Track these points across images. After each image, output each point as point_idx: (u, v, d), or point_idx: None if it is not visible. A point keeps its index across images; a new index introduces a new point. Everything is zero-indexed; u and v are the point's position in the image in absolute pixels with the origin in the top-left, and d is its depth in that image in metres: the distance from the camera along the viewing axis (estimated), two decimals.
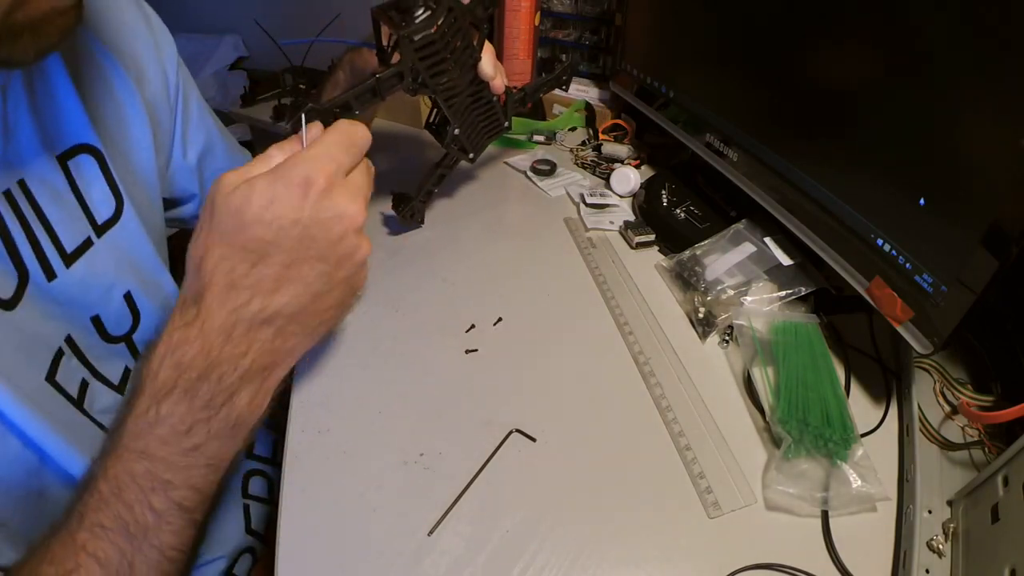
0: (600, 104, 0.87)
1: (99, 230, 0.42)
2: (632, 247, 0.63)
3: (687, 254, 0.57)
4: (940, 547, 0.34)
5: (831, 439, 0.40)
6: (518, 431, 0.43)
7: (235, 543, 0.53)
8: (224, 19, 1.45)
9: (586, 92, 0.89)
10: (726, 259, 0.55)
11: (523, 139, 0.85)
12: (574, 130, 0.88)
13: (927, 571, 0.33)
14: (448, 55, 0.48)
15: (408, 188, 0.61)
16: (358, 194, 0.35)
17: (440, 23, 0.45)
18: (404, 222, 0.61)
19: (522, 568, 0.35)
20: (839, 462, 0.39)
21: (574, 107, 0.88)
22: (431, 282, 0.57)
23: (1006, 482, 0.32)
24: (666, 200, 0.66)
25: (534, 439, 0.43)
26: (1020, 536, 0.29)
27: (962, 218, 0.37)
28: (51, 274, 0.38)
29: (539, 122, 0.87)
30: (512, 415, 0.44)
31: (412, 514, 0.38)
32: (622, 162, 0.76)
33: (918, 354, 0.40)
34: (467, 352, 0.50)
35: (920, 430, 0.41)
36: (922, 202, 0.40)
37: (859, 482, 0.38)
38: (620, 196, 0.70)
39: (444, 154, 0.58)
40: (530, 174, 0.75)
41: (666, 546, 0.37)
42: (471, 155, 0.59)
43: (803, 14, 0.50)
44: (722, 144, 0.61)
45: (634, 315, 0.54)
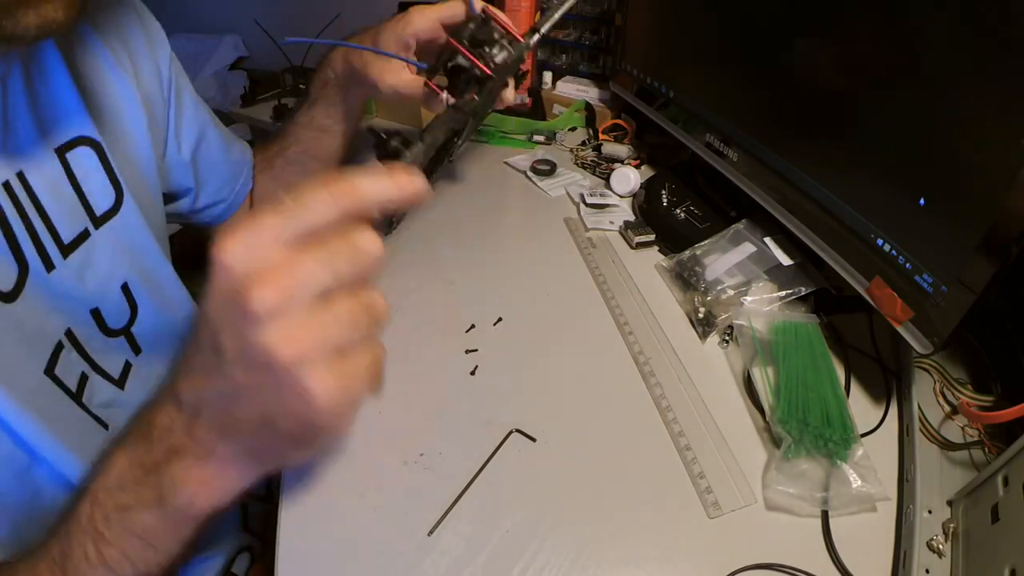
0: (600, 104, 0.87)
1: (97, 221, 0.42)
2: (632, 247, 0.63)
3: (687, 254, 0.57)
4: (940, 547, 0.34)
5: (831, 439, 0.40)
6: (518, 431, 0.43)
7: (232, 541, 0.53)
8: (224, 19, 1.45)
9: (586, 92, 0.89)
10: (726, 259, 0.55)
11: (523, 139, 0.85)
12: (574, 130, 0.88)
13: (927, 571, 0.33)
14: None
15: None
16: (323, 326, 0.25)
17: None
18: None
19: (522, 568, 0.35)
20: (839, 462, 0.39)
21: (574, 107, 0.88)
22: (431, 282, 0.57)
23: (1006, 482, 0.32)
24: (666, 200, 0.66)
25: (534, 439, 0.43)
26: (1020, 536, 0.29)
27: (962, 218, 0.37)
28: (50, 265, 0.38)
29: (539, 122, 0.87)
30: (512, 415, 0.44)
31: (412, 514, 0.38)
32: (622, 162, 0.76)
33: (918, 354, 0.40)
34: (467, 352, 0.50)
35: (920, 430, 0.41)
36: (922, 202, 0.40)
37: (859, 482, 0.38)
38: (620, 196, 0.70)
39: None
40: (530, 174, 0.75)
41: (666, 546, 0.37)
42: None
43: (803, 14, 0.50)
44: (722, 144, 0.61)
45: (634, 315, 0.54)
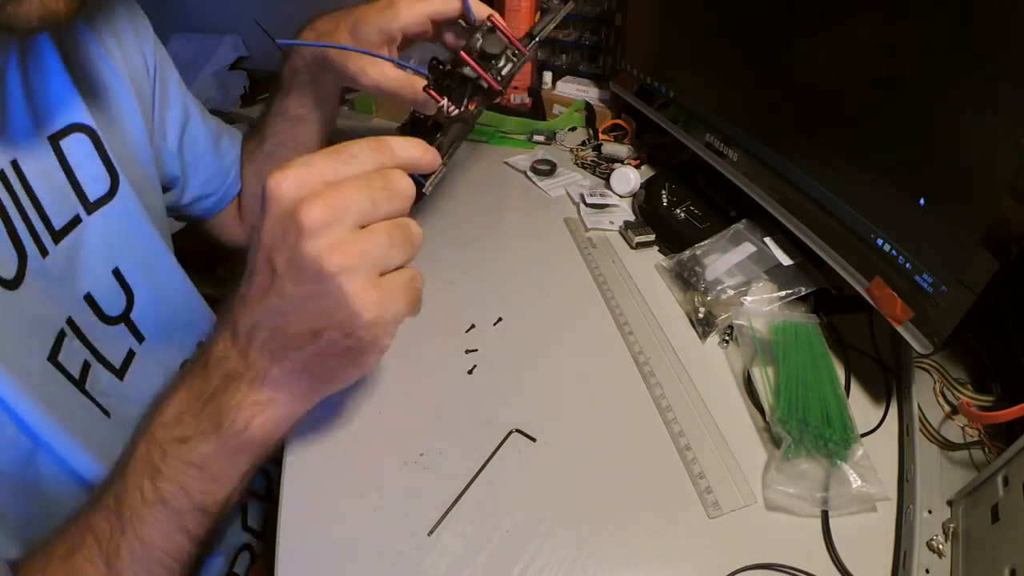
0: (600, 104, 0.87)
1: (90, 207, 0.42)
2: (632, 247, 0.63)
3: (687, 254, 0.57)
4: (940, 547, 0.34)
5: (831, 439, 0.40)
6: (518, 431, 0.43)
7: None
8: (224, 19, 1.44)
9: (586, 92, 0.89)
10: (726, 259, 0.55)
11: (523, 139, 0.85)
12: (574, 130, 0.88)
13: (927, 571, 0.33)
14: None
15: None
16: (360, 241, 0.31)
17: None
18: None
19: (522, 568, 0.35)
20: (839, 462, 0.39)
21: (574, 107, 0.88)
22: (431, 282, 0.57)
23: (1006, 482, 0.32)
24: (666, 200, 0.66)
25: (534, 439, 0.43)
26: (1020, 536, 0.29)
27: (962, 218, 0.37)
28: (44, 251, 0.38)
29: (539, 122, 0.87)
30: (512, 415, 0.44)
31: (412, 514, 0.38)
32: (622, 162, 0.76)
33: (918, 354, 0.40)
34: (467, 352, 0.50)
35: (920, 430, 0.41)
36: (922, 202, 0.40)
37: (859, 482, 0.38)
38: (620, 196, 0.70)
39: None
40: (530, 174, 0.75)
41: (666, 546, 0.37)
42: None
43: (803, 14, 0.50)
44: (722, 144, 0.61)
45: (634, 315, 0.54)
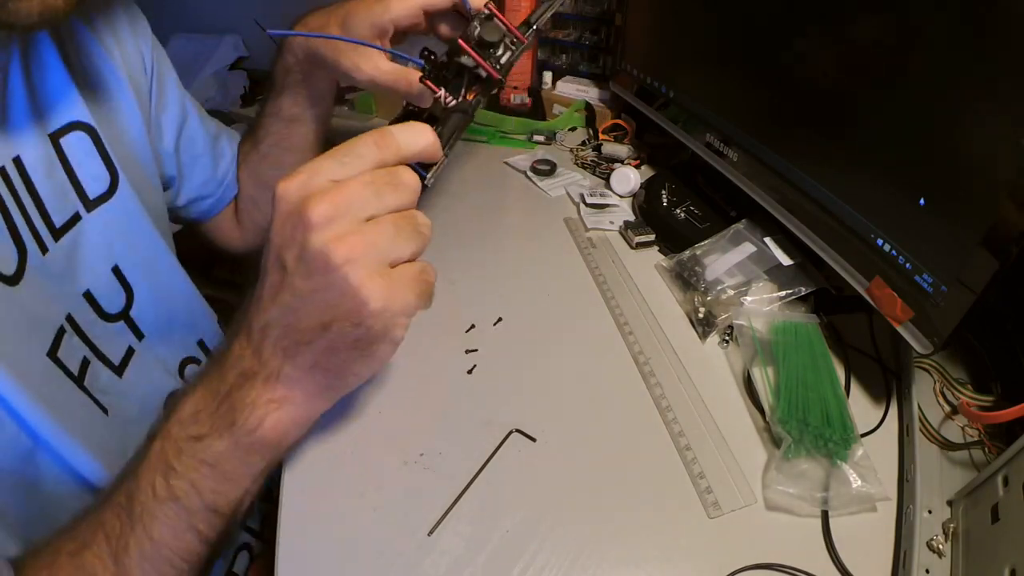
0: (600, 104, 0.87)
1: (90, 205, 0.42)
2: (632, 247, 0.63)
3: (687, 254, 0.57)
4: (940, 547, 0.34)
5: (831, 439, 0.40)
6: (518, 431, 0.43)
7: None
8: (224, 19, 1.44)
9: (586, 92, 0.89)
10: (726, 259, 0.55)
11: (523, 139, 0.85)
12: (574, 130, 0.88)
13: (927, 571, 0.33)
14: None
15: None
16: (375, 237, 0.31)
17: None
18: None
19: (522, 568, 0.35)
20: (839, 462, 0.39)
21: (574, 107, 0.88)
22: None
23: (1006, 482, 0.32)
24: (666, 200, 0.66)
25: (534, 439, 0.43)
26: (1020, 536, 0.29)
27: (962, 218, 0.37)
28: (44, 248, 0.39)
29: (539, 122, 0.87)
30: (512, 415, 0.44)
31: (412, 514, 0.38)
32: (622, 162, 0.76)
33: (918, 354, 0.40)
34: (467, 352, 0.50)
35: (920, 430, 0.41)
36: (922, 202, 0.40)
37: (859, 482, 0.38)
38: (620, 196, 0.70)
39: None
40: (530, 174, 0.75)
41: (666, 546, 0.37)
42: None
43: (803, 14, 0.50)
44: (722, 144, 0.61)
45: (634, 315, 0.54)
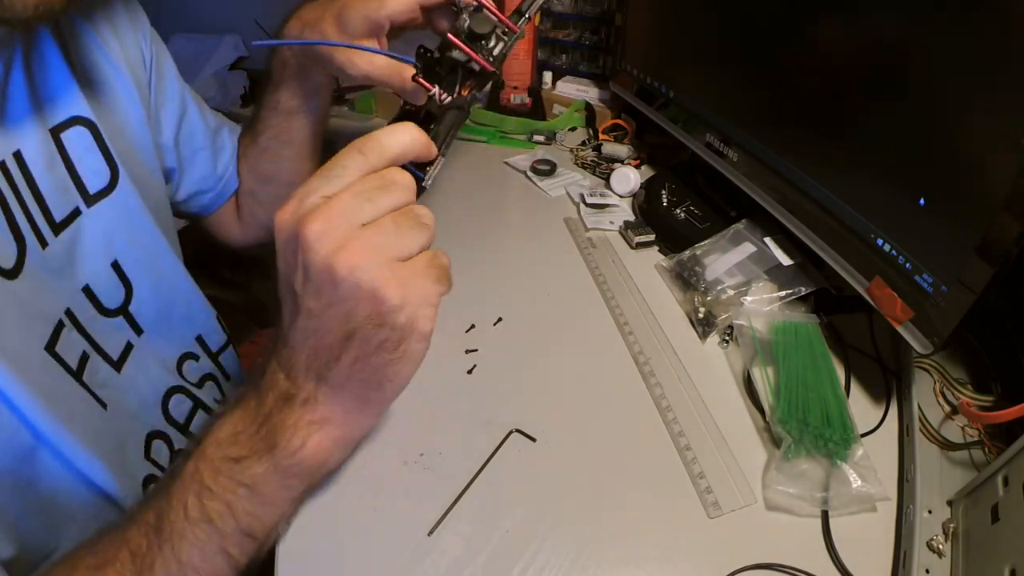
0: (600, 104, 0.87)
1: (90, 200, 0.42)
2: (632, 247, 0.63)
3: (687, 254, 0.57)
4: (940, 547, 0.34)
5: (831, 439, 0.40)
6: (518, 431, 0.43)
7: None
8: (224, 19, 1.44)
9: (586, 92, 0.89)
10: (726, 259, 0.55)
11: (523, 139, 0.85)
12: (574, 130, 0.88)
13: (927, 571, 0.33)
14: None
15: None
16: (399, 273, 0.33)
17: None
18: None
19: (522, 568, 0.35)
20: (839, 462, 0.39)
21: (574, 107, 0.88)
22: None
23: (1006, 482, 0.32)
24: (666, 200, 0.66)
25: (534, 439, 0.43)
26: (1020, 536, 0.29)
27: (962, 218, 0.37)
28: (43, 243, 0.39)
29: (539, 122, 0.87)
30: (512, 415, 0.44)
31: (412, 514, 0.38)
32: (622, 162, 0.76)
33: (918, 354, 0.40)
34: (467, 352, 0.50)
35: (920, 430, 0.41)
36: (922, 202, 0.40)
37: (859, 482, 0.38)
38: (620, 196, 0.70)
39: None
40: (530, 174, 0.75)
41: (666, 546, 0.37)
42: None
43: (803, 14, 0.50)
44: (722, 144, 0.61)
45: (634, 315, 0.54)
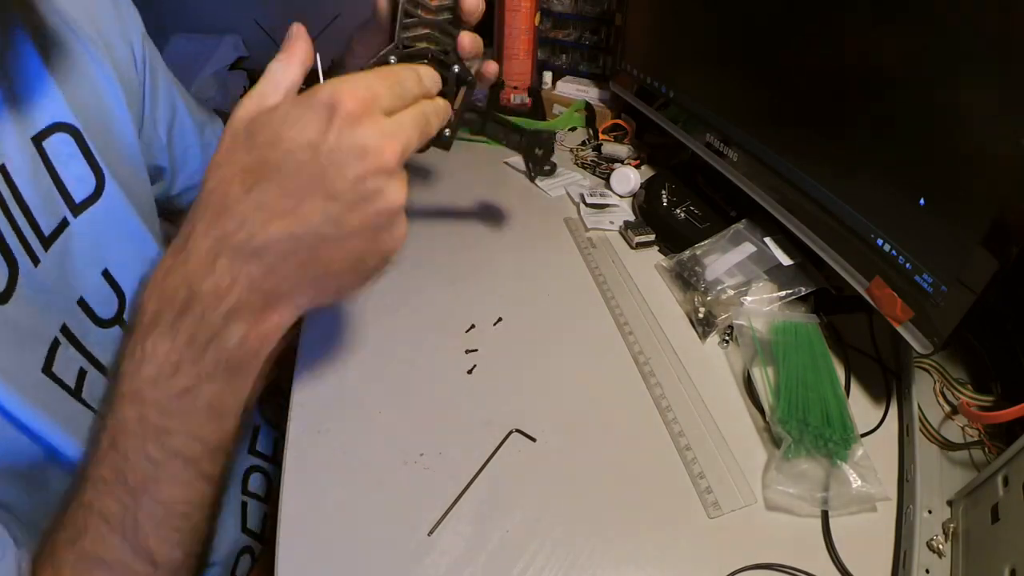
0: (600, 104, 0.87)
1: (76, 210, 0.41)
2: (632, 247, 0.63)
3: (687, 254, 0.57)
4: (940, 547, 0.34)
5: (831, 439, 0.40)
6: (518, 431, 0.43)
7: (232, 541, 0.53)
8: (224, 19, 1.44)
9: (586, 92, 0.89)
10: (726, 259, 0.55)
11: None
12: (574, 130, 0.88)
13: (927, 571, 0.33)
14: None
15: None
16: (397, 134, 0.30)
17: None
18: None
19: (522, 568, 0.35)
20: (839, 462, 0.39)
21: (574, 107, 0.88)
22: (431, 282, 0.57)
23: (1006, 482, 0.32)
24: (666, 200, 0.66)
25: (534, 439, 0.43)
26: (1020, 536, 0.29)
27: (962, 218, 0.37)
28: (35, 260, 0.37)
29: (539, 122, 0.87)
30: (512, 415, 0.44)
31: (412, 514, 0.38)
32: (622, 162, 0.76)
33: (918, 354, 0.40)
34: (467, 352, 0.50)
35: (920, 430, 0.41)
36: (922, 202, 0.40)
37: (859, 482, 0.38)
38: (620, 196, 0.70)
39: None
40: None
41: (666, 546, 0.37)
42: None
43: (803, 14, 0.50)
44: (722, 144, 0.61)
45: (634, 315, 0.54)
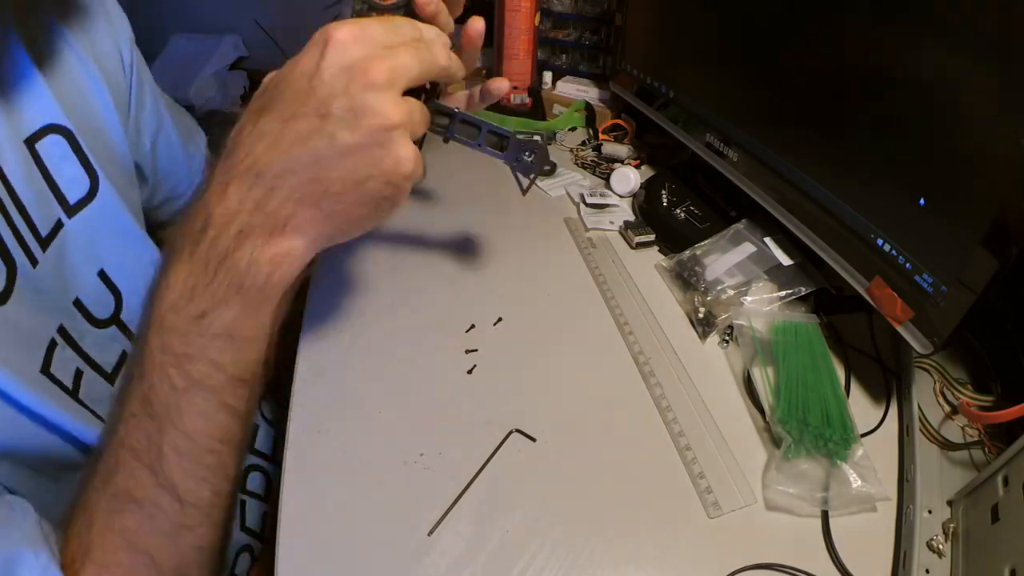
0: (600, 104, 0.87)
1: (71, 211, 0.41)
2: (632, 247, 0.63)
3: (687, 254, 0.57)
4: (940, 547, 0.34)
5: (831, 439, 0.40)
6: (518, 431, 0.43)
7: (231, 540, 0.53)
8: (224, 19, 1.45)
9: (586, 92, 0.89)
10: (726, 259, 0.55)
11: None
12: (574, 130, 0.88)
13: (927, 571, 0.33)
14: None
15: None
16: (385, 55, 0.31)
17: None
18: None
19: (522, 568, 0.35)
20: (839, 462, 0.39)
21: (574, 107, 0.88)
22: (431, 282, 0.57)
23: (1006, 482, 0.32)
24: (666, 200, 0.66)
25: (534, 439, 0.43)
26: (1020, 536, 0.29)
27: (962, 218, 0.37)
28: (33, 261, 0.38)
29: (539, 122, 0.87)
30: (512, 415, 0.44)
31: (412, 514, 0.38)
32: (622, 162, 0.76)
33: (918, 354, 0.40)
34: (467, 352, 0.50)
35: (920, 430, 0.41)
36: (922, 202, 0.40)
37: (859, 482, 0.38)
38: (620, 196, 0.70)
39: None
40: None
41: (666, 546, 0.37)
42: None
43: (803, 14, 0.50)
44: (722, 144, 0.61)
45: (634, 315, 0.54)
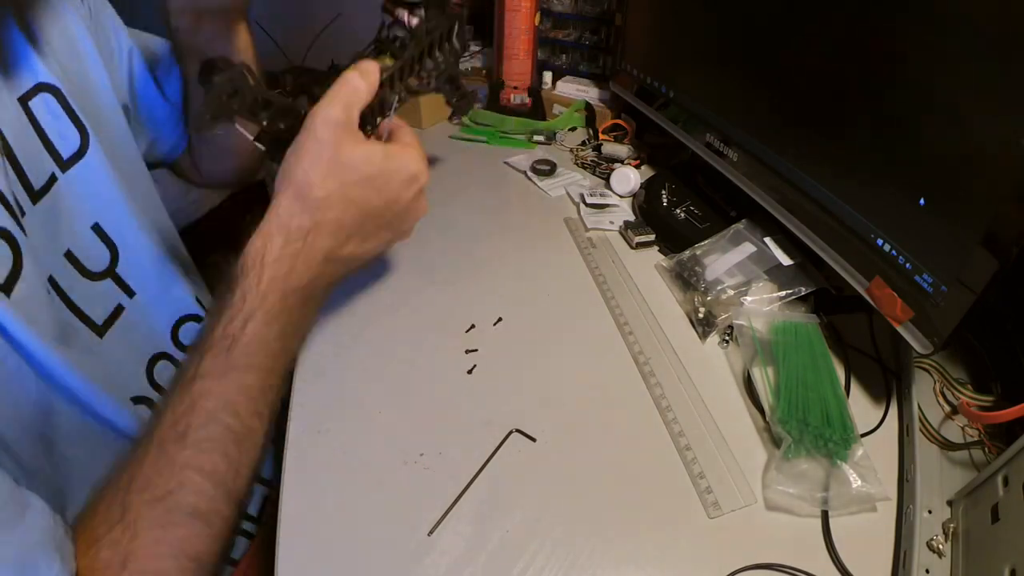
0: (600, 104, 0.87)
1: (64, 165, 0.42)
2: (632, 247, 0.63)
3: (687, 254, 0.57)
4: (940, 547, 0.34)
5: (831, 439, 0.40)
6: (518, 431, 0.43)
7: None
8: None
9: (586, 92, 0.89)
10: (726, 259, 0.55)
11: (523, 139, 0.85)
12: (574, 130, 0.88)
13: (927, 571, 0.33)
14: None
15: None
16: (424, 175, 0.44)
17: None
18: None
19: (522, 568, 0.35)
20: (839, 462, 0.39)
21: (574, 107, 0.88)
22: (431, 282, 0.57)
23: (1006, 482, 0.32)
24: (666, 200, 0.66)
25: (534, 439, 0.43)
26: (1020, 536, 0.29)
27: (962, 218, 0.37)
28: (21, 212, 0.38)
29: (539, 122, 0.87)
30: (512, 415, 0.44)
31: (412, 514, 0.38)
32: (622, 162, 0.76)
33: (918, 354, 0.40)
34: (467, 352, 0.50)
35: (920, 430, 0.41)
36: (922, 202, 0.40)
37: (859, 482, 0.38)
38: (620, 196, 0.70)
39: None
40: (530, 174, 0.75)
41: (666, 546, 0.37)
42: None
43: (803, 14, 0.50)
44: (722, 144, 0.61)
45: (634, 315, 0.54)
